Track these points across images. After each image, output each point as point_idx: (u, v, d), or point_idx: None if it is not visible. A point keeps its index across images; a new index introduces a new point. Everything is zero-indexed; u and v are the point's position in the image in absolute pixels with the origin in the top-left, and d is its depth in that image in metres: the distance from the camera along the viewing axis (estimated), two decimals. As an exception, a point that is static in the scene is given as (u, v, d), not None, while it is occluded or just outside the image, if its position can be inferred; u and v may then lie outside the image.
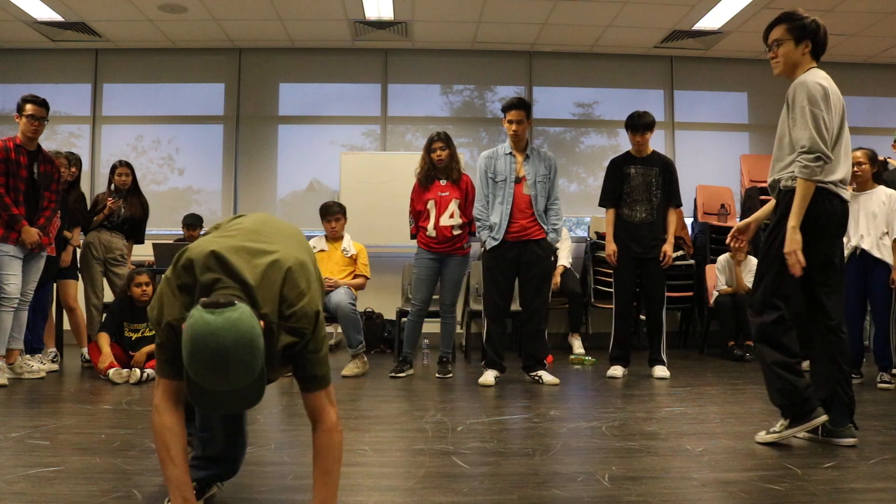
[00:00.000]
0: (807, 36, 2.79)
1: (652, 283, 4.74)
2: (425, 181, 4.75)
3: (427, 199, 4.73)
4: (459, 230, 4.70)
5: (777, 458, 2.53)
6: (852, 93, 7.57)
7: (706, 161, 7.52)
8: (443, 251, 4.70)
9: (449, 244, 4.70)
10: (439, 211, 4.68)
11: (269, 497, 2.12)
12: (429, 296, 4.78)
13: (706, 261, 6.54)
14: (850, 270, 4.42)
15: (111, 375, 4.36)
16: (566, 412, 3.50)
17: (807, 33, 2.79)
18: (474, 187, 4.73)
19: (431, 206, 4.70)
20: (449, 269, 4.73)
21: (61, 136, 7.31)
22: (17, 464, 2.43)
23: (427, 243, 4.73)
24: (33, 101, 4.32)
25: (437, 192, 4.71)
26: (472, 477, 2.34)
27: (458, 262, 4.74)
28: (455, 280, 4.76)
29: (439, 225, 4.67)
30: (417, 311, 4.76)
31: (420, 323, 4.82)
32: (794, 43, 2.80)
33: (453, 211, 4.68)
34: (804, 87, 2.72)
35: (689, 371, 5.04)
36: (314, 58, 7.43)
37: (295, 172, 7.43)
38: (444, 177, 4.72)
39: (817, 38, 2.81)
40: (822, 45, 2.83)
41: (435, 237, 4.69)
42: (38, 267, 4.46)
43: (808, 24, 2.79)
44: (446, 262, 4.73)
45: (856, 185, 4.44)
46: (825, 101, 2.70)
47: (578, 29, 6.80)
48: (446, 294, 4.77)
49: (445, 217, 4.67)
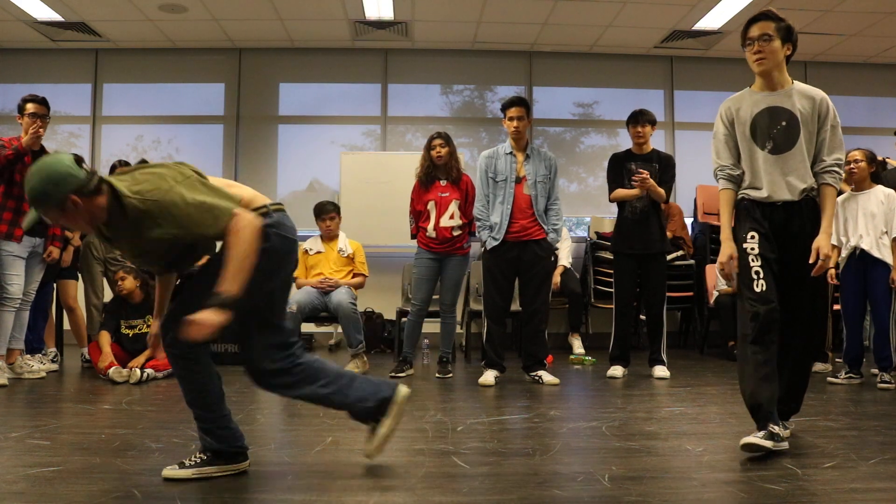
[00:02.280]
0: (790, 39, 2.79)
1: (652, 282, 4.74)
2: (426, 181, 4.75)
3: (427, 199, 4.73)
4: (459, 230, 4.70)
5: (777, 458, 2.53)
6: (852, 93, 7.57)
7: (706, 161, 7.42)
8: (443, 251, 4.71)
9: (449, 244, 4.70)
10: (439, 212, 4.68)
11: (269, 497, 2.12)
12: (429, 296, 4.78)
13: (706, 261, 6.54)
14: (849, 270, 4.43)
15: (111, 374, 4.36)
16: (566, 412, 3.50)
17: (790, 36, 2.79)
18: (474, 187, 4.73)
19: (432, 206, 4.71)
20: (449, 269, 4.73)
21: (61, 136, 7.31)
22: (17, 464, 2.43)
23: (427, 243, 4.73)
24: (34, 101, 4.32)
25: (437, 193, 4.71)
26: (472, 477, 2.34)
27: (457, 262, 4.74)
28: (455, 280, 4.76)
29: (439, 226, 4.67)
30: (417, 311, 4.76)
31: (420, 323, 4.82)
32: (780, 42, 2.78)
33: (453, 212, 4.68)
34: (831, 104, 2.78)
35: (689, 371, 5.04)
36: (314, 58, 7.43)
37: (295, 172, 7.43)
38: (444, 176, 4.72)
39: (795, 45, 2.82)
40: (794, 50, 2.84)
41: (435, 238, 4.69)
42: (40, 267, 4.46)
43: (790, 26, 2.79)
44: (446, 262, 4.73)
45: (853, 185, 4.44)
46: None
47: (578, 29, 6.80)
48: (446, 294, 4.78)
49: (445, 218, 4.68)
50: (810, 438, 2.86)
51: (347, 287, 4.97)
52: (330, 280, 4.96)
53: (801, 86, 2.84)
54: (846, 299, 4.47)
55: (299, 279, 5.07)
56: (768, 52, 2.77)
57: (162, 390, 4.14)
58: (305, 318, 4.94)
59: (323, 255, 5.10)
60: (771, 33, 2.76)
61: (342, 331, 4.97)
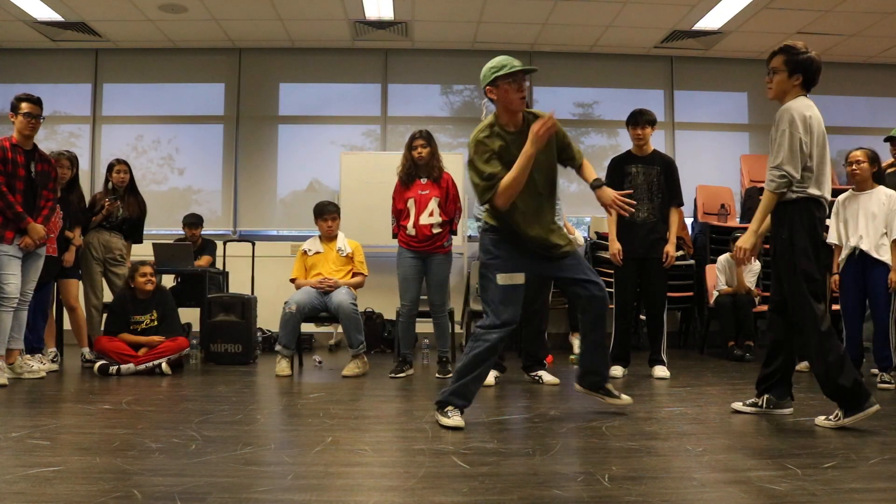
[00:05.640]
0: (799, 70, 3.11)
1: (653, 283, 4.74)
2: (406, 179, 4.74)
3: (407, 197, 4.72)
4: (439, 228, 4.67)
5: (777, 458, 2.53)
6: (852, 93, 7.59)
7: (706, 161, 7.53)
8: (423, 250, 4.68)
9: (429, 243, 4.67)
10: (419, 209, 4.66)
11: (269, 497, 2.12)
12: (417, 294, 4.76)
13: (706, 261, 6.54)
14: (849, 271, 4.42)
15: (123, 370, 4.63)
16: (566, 412, 3.50)
17: (799, 68, 3.10)
18: (455, 185, 4.73)
19: (411, 204, 4.69)
20: (433, 268, 4.70)
21: (61, 136, 7.32)
22: (17, 464, 2.43)
23: (407, 242, 4.71)
24: (28, 100, 4.32)
25: (417, 191, 4.69)
26: (472, 477, 2.34)
27: (441, 261, 4.72)
28: (441, 279, 4.73)
29: (419, 223, 4.65)
30: (408, 311, 4.75)
31: (412, 323, 4.80)
32: (787, 74, 3.12)
33: (433, 209, 4.66)
34: (788, 112, 3.06)
35: (689, 371, 5.04)
36: (314, 58, 7.43)
37: (295, 172, 7.43)
38: (425, 175, 4.72)
39: (809, 72, 3.11)
40: (813, 79, 3.14)
41: (414, 236, 4.67)
42: (37, 267, 4.45)
43: (802, 59, 3.10)
44: (429, 261, 4.70)
45: (855, 185, 4.44)
46: (804, 125, 3.04)
47: (578, 29, 6.80)
48: (434, 294, 4.74)
49: (425, 216, 4.65)
50: (810, 438, 2.86)
51: (347, 287, 4.96)
52: (330, 280, 4.96)
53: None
54: (846, 299, 4.46)
55: (298, 279, 5.07)
56: (774, 84, 3.17)
57: (162, 390, 4.14)
58: (305, 318, 4.93)
59: (322, 255, 5.10)
60: (779, 68, 3.13)
61: (343, 331, 4.97)
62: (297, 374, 4.94)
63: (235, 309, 5.44)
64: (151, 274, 4.98)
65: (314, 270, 5.06)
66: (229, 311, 5.43)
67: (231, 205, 7.37)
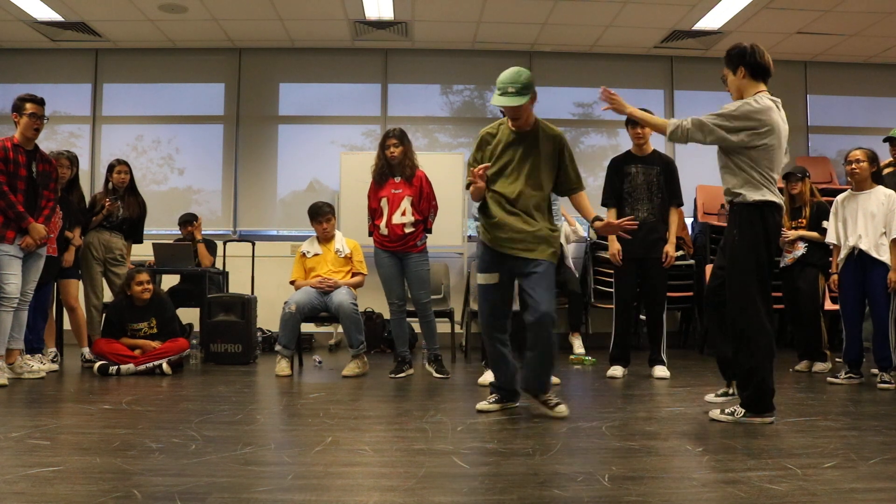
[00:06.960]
0: (737, 63, 3.12)
1: (653, 283, 4.74)
2: (379, 178, 4.75)
3: (381, 196, 4.72)
4: (412, 227, 4.66)
5: (777, 458, 2.53)
6: (852, 93, 7.58)
7: (706, 161, 7.45)
8: (396, 250, 4.67)
9: (401, 243, 4.67)
10: (392, 209, 4.66)
11: (270, 497, 2.12)
12: (402, 290, 4.76)
13: (706, 261, 6.53)
14: (848, 270, 4.42)
15: (123, 371, 4.61)
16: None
17: (737, 60, 3.12)
18: (429, 183, 4.74)
19: (384, 203, 4.69)
20: (411, 268, 4.70)
21: (61, 136, 7.31)
22: (17, 464, 2.43)
23: (381, 241, 4.71)
24: (33, 100, 4.31)
25: (390, 190, 4.70)
26: (472, 477, 2.34)
27: (417, 260, 4.70)
28: (420, 277, 4.72)
29: (391, 223, 4.65)
30: (397, 309, 4.76)
31: (403, 320, 4.81)
32: (732, 73, 3.17)
33: (405, 208, 4.66)
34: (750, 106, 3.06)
35: (689, 371, 5.04)
36: (314, 58, 7.43)
37: (295, 172, 7.43)
38: (399, 174, 4.72)
39: (748, 60, 3.10)
40: (758, 67, 3.12)
41: (387, 235, 4.67)
42: (37, 267, 4.45)
43: (735, 53, 3.13)
44: (406, 261, 4.69)
45: (854, 185, 4.44)
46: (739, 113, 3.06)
47: (578, 29, 6.80)
48: (416, 293, 4.74)
49: (398, 215, 4.65)
50: (810, 438, 2.86)
51: (347, 287, 4.96)
52: (330, 280, 4.95)
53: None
54: (845, 299, 4.46)
55: (298, 280, 5.07)
56: (729, 87, 3.23)
57: (162, 390, 4.14)
58: (305, 318, 4.93)
59: (321, 256, 5.10)
60: (724, 72, 3.21)
61: (343, 331, 4.96)
62: (297, 374, 4.94)
63: (235, 309, 5.43)
64: (148, 282, 4.95)
65: (313, 272, 5.05)
66: (229, 311, 5.43)
67: (231, 205, 7.37)
